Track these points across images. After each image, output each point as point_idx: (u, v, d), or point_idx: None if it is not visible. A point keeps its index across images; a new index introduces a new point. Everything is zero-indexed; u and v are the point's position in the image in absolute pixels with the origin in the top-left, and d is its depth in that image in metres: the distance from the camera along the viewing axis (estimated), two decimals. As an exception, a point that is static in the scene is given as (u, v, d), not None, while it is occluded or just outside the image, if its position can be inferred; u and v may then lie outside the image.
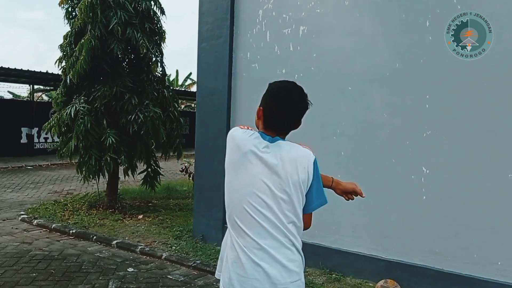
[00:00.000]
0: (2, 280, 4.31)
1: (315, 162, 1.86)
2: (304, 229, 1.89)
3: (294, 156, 1.80)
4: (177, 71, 31.62)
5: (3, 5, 65.23)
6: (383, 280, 3.80)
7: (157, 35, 7.57)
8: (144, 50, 7.00)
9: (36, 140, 17.96)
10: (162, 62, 7.66)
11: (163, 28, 7.69)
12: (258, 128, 1.93)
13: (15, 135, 17.48)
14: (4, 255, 5.12)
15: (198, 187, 5.92)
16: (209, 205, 5.63)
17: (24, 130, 17.46)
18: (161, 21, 7.66)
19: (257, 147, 1.80)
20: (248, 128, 1.89)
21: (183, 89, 27.73)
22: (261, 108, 1.89)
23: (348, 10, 4.63)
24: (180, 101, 23.14)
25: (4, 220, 6.95)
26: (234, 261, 1.76)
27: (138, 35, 7.01)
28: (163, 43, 7.72)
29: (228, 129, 5.42)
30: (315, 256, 4.80)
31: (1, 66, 13.85)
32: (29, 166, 14.85)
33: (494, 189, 3.84)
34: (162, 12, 7.78)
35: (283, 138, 1.89)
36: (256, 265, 1.72)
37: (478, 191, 3.91)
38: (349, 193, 2.17)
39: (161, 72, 7.82)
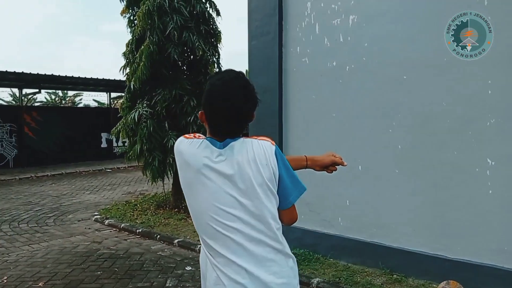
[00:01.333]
0: (68, 279, 4.57)
1: (276, 152, 1.59)
2: (291, 224, 1.72)
3: (252, 156, 1.56)
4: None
5: (88, 19, 70.12)
6: (444, 282, 3.51)
7: (213, 37, 7.67)
8: (200, 52, 7.13)
9: (115, 144, 19.12)
10: (218, 63, 7.75)
11: (219, 29, 7.78)
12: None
13: (96, 140, 18.76)
14: (74, 254, 5.44)
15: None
16: (266, 204, 5.58)
17: (104, 135, 18.61)
18: (216, 22, 7.74)
19: (210, 159, 1.56)
20: (195, 137, 1.63)
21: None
22: (202, 111, 1.62)
23: (399, -6, 4.34)
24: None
25: (80, 220, 7.41)
26: (216, 283, 1.58)
27: (194, 38, 7.15)
28: (219, 44, 7.81)
29: (281, 126, 5.37)
30: (375, 255, 4.58)
31: (79, 76, 14.87)
32: (108, 169, 15.80)
33: None
34: (218, 14, 7.87)
35: (236, 137, 1.62)
36: (239, 285, 1.54)
37: (554, 183, 3.49)
38: (330, 166, 2.03)
39: (218, 73, 7.90)
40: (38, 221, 7.40)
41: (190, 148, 1.59)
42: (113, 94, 20.48)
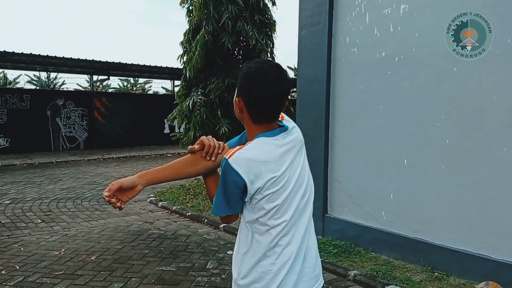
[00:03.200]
0: (118, 255, 4.89)
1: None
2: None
3: None
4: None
5: (158, 10, 72.72)
6: (484, 282, 3.40)
7: (267, 26, 7.73)
8: (254, 42, 7.22)
9: (177, 130, 19.81)
10: (272, 52, 7.80)
11: (273, 19, 7.82)
12: (243, 121, 1.62)
13: (160, 126, 19.58)
14: (127, 232, 5.80)
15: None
16: (310, 194, 5.59)
17: (166, 121, 19.35)
18: (271, 11, 7.79)
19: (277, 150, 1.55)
20: (241, 148, 1.53)
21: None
22: (240, 98, 1.55)
23: (452, -18, 4.16)
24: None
25: (136, 201, 7.83)
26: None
27: (248, 27, 7.26)
28: (273, 34, 7.85)
29: (327, 116, 5.36)
30: (417, 252, 4.48)
31: (144, 64, 15.53)
32: (169, 153, 16.47)
33: None
34: (273, 4, 7.91)
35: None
36: None
37: None
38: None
39: (272, 63, 7.96)
40: (99, 199, 7.92)
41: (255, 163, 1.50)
42: (177, 82, 21.17)
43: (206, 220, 6.32)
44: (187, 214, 6.73)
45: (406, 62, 4.58)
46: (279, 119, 1.67)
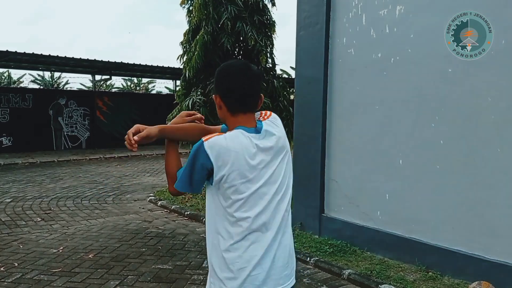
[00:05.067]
0: (116, 253, 4.94)
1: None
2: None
3: None
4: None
5: (163, 11, 72.95)
6: (476, 282, 3.41)
7: (267, 27, 7.76)
8: (252, 42, 7.26)
9: (178, 130, 19.89)
10: (271, 53, 7.84)
11: (273, 20, 7.86)
12: (225, 121, 1.75)
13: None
14: (125, 231, 5.85)
15: (296, 176, 5.96)
16: (307, 194, 5.63)
17: (167, 121, 19.42)
18: (271, 12, 7.82)
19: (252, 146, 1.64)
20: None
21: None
22: (216, 95, 1.70)
23: (447, -16, 4.18)
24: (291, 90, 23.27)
25: (136, 200, 7.89)
26: None
27: (247, 28, 7.30)
28: (273, 34, 7.89)
29: (324, 117, 5.39)
30: (412, 251, 4.51)
31: (146, 64, 15.58)
32: (170, 153, 16.50)
33: None
34: (273, 4, 7.95)
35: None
36: None
37: None
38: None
39: (270, 63, 8.00)
40: (99, 198, 7.98)
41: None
42: (178, 82, 21.25)
43: (204, 219, 6.34)
44: (186, 213, 6.78)
45: (401, 63, 4.61)
46: (260, 118, 1.75)
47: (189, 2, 8.20)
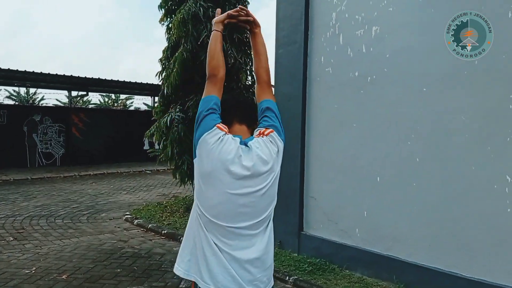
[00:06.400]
0: (90, 274, 4.80)
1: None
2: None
3: None
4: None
5: (144, 28, 72.88)
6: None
7: (246, 45, 7.80)
8: (232, 61, 7.27)
9: (157, 146, 19.65)
10: (251, 71, 7.86)
11: (252, 38, 7.89)
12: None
13: (139, 143, 19.34)
14: (100, 251, 5.70)
15: (275, 193, 5.95)
16: (286, 211, 5.61)
17: (145, 137, 19.21)
18: (250, 30, 7.87)
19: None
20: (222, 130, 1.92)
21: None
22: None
23: (421, 6, 4.30)
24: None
25: (111, 219, 7.72)
26: None
27: (227, 46, 7.30)
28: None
29: (303, 134, 5.41)
30: (390, 269, 4.52)
31: (124, 80, 15.48)
32: (148, 170, 16.29)
33: None
34: (253, 22, 8.00)
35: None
36: None
37: None
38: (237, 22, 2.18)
39: (250, 80, 8.04)
40: (72, 217, 7.78)
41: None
42: (157, 98, 21.12)
43: (181, 238, 6.24)
44: (163, 232, 6.66)
45: (378, 82, 4.69)
46: (259, 134, 2.00)
47: (169, 19, 8.20)
